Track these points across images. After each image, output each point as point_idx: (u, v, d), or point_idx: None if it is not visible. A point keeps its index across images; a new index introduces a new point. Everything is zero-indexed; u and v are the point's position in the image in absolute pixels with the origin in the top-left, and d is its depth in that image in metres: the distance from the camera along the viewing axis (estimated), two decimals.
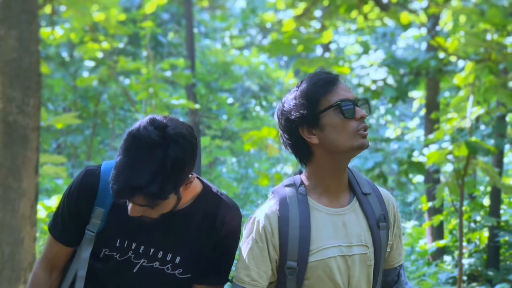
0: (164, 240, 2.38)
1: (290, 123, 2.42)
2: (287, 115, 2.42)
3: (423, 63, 10.98)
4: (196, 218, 2.40)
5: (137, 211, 2.26)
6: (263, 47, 12.73)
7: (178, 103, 10.64)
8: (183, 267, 2.39)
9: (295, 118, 2.40)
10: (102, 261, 2.40)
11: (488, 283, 11.39)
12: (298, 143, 2.44)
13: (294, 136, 2.43)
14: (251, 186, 23.58)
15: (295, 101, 2.41)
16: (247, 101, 25.53)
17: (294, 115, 2.40)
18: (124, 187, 2.17)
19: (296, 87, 2.47)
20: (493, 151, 8.43)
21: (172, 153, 2.18)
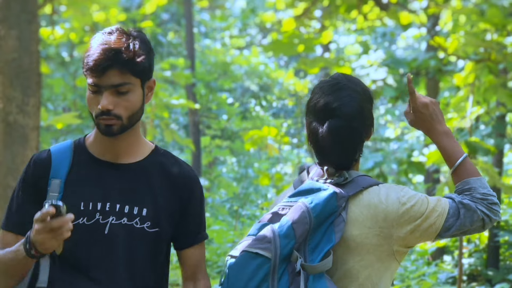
0: (127, 194, 2.36)
1: (368, 123, 2.47)
2: (367, 114, 2.47)
3: (422, 63, 10.99)
4: (155, 172, 2.40)
5: (109, 101, 2.28)
6: (264, 46, 12.74)
7: (178, 103, 10.64)
8: (151, 220, 2.35)
9: (371, 118, 2.48)
10: (70, 237, 2.29)
11: (488, 282, 11.39)
12: (361, 144, 2.47)
13: (364, 135, 2.47)
14: (251, 186, 23.59)
15: (370, 104, 2.49)
16: (247, 101, 25.53)
17: (371, 114, 2.48)
18: (101, 55, 2.27)
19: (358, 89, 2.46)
20: (493, 151, 8.44)
21: (140, 35, 2.36)
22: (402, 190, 2.40)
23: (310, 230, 2.32)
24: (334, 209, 2.35)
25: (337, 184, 2.40)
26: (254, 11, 23.37)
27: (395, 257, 2.40)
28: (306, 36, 10.70)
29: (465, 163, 2.47)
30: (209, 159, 21.41)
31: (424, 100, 2.50)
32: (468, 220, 2.36)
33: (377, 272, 2.37)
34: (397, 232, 2.36)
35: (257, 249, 2.30)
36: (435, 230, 2.36)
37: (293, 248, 2.29)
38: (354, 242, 2.37)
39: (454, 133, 9.14)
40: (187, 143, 10.94)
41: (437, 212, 2.35)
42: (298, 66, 10.60)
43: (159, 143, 22.92)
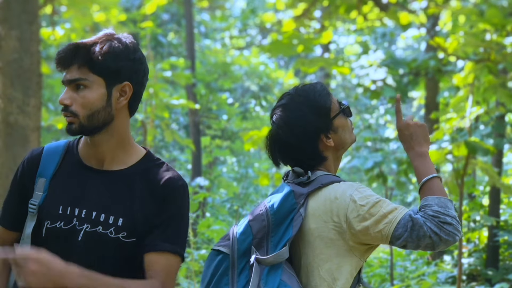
0: (106, 203, 2.33)
1: (307, 134, 2.60)
2: (303, 127, 2.61)
3: (422, 63, 11.00)
4: (138, 180, 2.36)
5: (66, 96, 2.33)
6: (263, 47, 12.76)
7: (178, 103, 10.65)
8: (127, 230, 2.31)
9: (316, 127, 2.61)
10: (46, 239, 2.32)
11: (488, 282, 11.40)
12: (312, 150, 2.62)
13: (310, 145, 2.61)
14: (251, 186, 23.60)
15: (312, 111, 2.62)
16: (247, 101, 25.54)
17: (314, 124, 2.60)
18: (64, 51, 2.32)
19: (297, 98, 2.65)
20: (492, 151, 8.45)
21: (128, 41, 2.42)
22: (359, 189, 2.50)
23: (269, 226, 2.48)
24: (292, 206, 2.50)
25: (301, 183, 2.58)
26: (254, 11, 23.40)
27: (353, 253, 2.48)
28: (305, 37, 10.72)
29: (430, 183, 2.53)
30: (209, 159, 21.41)
31: (407, 121, 2.66)
32: (414, 234, 2.40)
33: (336, 267, 2.47)
34: (349, 228, 2.45)
35: (218, 247, 2.52)
36: (385, 236, 2.42)
37: (251, 244, 2.47)
38: (312, 236, 2.50)
39: (454, 133, 9.16)
40: (187, 143, 10.96)
41: (387, 219, 2.42)
42: (296, 66, 10.62)
43: (160, 143, 22.94)
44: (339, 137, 2.64)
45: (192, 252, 10.78)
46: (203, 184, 15.55)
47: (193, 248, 11.21)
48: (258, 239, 2.49)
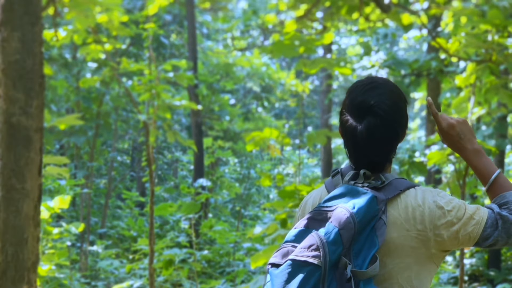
0: None
1: (403, 125, 2.47)
2: (403, 119, 2.47)
3: (424, 64, 11.01)
4: None
5: None
6: (265, 48, 12.76)
7: (180, 104, 10.66)
8: None
9: (407, 121, 2.50)
10: None
11: (490, 283, 11.41)
12: (395, 147, 2.49)
13: (399, 139, 2.47)
14: (253, 187, 23.61)
15: (405, 106, 2.50)
16: (249, 102, 25.55)
17: (406, 117, 2.50)
18: None
19: (393, 91, 2.48)
20: (494, 151, 8.46)
21: None
22: (439, 194, 2.39)
23: (355, 235, 2.28)
24: (375, 213, 2.32)
25: (375, 188, 2.39)
26: (256, 12, 23.40)
27: (433, 260, 2.40)
28: (307, 38, 10.72)
29: (498, 179, 2.47)
30: (211, 160, 21.43)
31: (450, 121, 2.54)
32: (504, 232, 2.35)
33: (416, 275, 2.37)
34: (434, 235, 2.35)
35: (305, 257, 2.24)
36: (473, 238, 2.36)
37: (341, 254, 2.25)
38: (393, 244, 2.36)
39: None
40: (189, 144, 10.97)
41: (474, 220, 2.35)
42: (297, 67, 10.59)
43: (162, 144, 22.96)
44: None
45: (194, 253, 10.80)
46: (205, 185, 15.58)
47: (195, 248, 11.22)
48: (347, 249, 2.28)
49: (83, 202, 16.66)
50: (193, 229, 11.54)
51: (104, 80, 14.52)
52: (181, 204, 13.94)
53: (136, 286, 10.12)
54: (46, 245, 9.34)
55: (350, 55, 25.74)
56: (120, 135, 21.86)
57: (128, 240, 17.60)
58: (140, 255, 12.47)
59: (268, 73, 24.87)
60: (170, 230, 17.48)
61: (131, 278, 12.61)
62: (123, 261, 14.80)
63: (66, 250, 9.69)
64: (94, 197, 20.49)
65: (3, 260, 5.34)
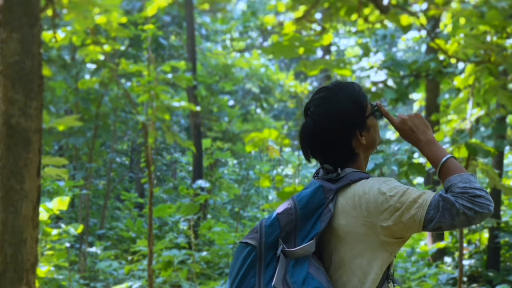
0: None
1: (345, 127, 2.63)
2: (342, 119, 2.63)
3: (423, 65, 11.01)
4: None
5: None
6: (264, 49, 12.76)
7: (179, 105, 10.66)
8: None
9: (353, 122, 2.64)
10: None
11: (489, 284, 11.41)
12: (346, 145, 2.64)
13: (345, 139, 2.64)
14: (252, 188, 23.60)
15: (349, 106, 2.64)
16: (248, 103, 25.56)
17: (352, 119, 2.63)
18: None
19: (337, 92, 2.67)
20: (493, 152, 8.46)
21: None
22: (386, 181, 2.50)
23: (297, 220, 2.50)
24: (321, 201, 2.53)
25: (330, 180, 2.59)
26: (255, 13, 23.42)
27: (384, 247, 2.48)
28: (306, 39, 10.72)
29: (446, 164, 2.51)
30: (210, 161, 21.41)
31: (402, 117, 2.65)
32: (447, 213, 2.38)
33: (368, 262, 2.48)
34: (380, 222, 2.46)
35: (246, 239, 2.53)
36: (418, 221, 2.41)
37: (278, 236, 2.49)
38: (342, 231, 2.51)
39: (454, 134, 9.17)
40: (188, 145, 10.97)
41: (418, 203, 2.41)
42: (297, 69, 10.59)
43: (161, 145, 22.96)
44: (371, 136, 2.66)
45: (193, 254, 10.79)
46: (204, 186, 15.58)
47: (194, 250, 11.21)
48: (286, 232, 2.50)
49: (82, 203, 16.65)
50: (192, 230, 11.53)
51: (103, 81, 14.52)
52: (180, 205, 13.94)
53: (135, 287, 10.12)
54: (45, 246, 9.33)
55: (349, 56, 25.75)
56: (119, 136, 21.86)
57: (127, 241, 17.60)
58: (139, 256, 12.47)
59: (267, 74, 24.87)
60: (169, 231, 17.47)
61: (130, 279, 12.61)
62: (122, 262, 14.79)
63: (65, 251, 9.69)
64: (93, 198, 20.49)
65: (2, 261, 5.34)
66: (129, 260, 14.72)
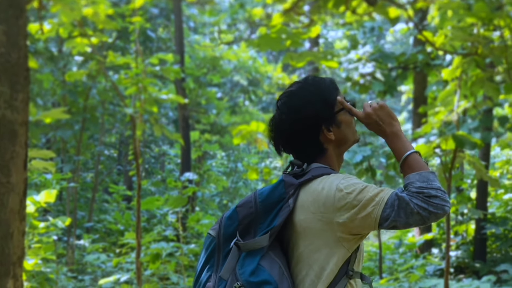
0: None
1: (311, 121, 2.62)
2: (309, 112, 2.62)
3: (410, 57, 11.04)
4: None
5: None
6: (252, 41, 12.74)
7: (167, 98, 10.64)
8: None
9: (318, 116, 2.62)
10: None
11: (475, 274, 11.47)
12: (312, 140, 2.64)
13: (310, 133, 2.63)
14: (240, 180, 23.63)
15: (316, 100, 2.63)
16: (236, 96, 25.54)
17: (317, 113, 2.62)
18: None
19: (305, 86, 2.68)
20: (479, 144, 8.49)
21: None
22: (346, 178, 2.50)
23: (257, 214, 2.54)
24: (282, 195, 2.54)
25: (295, 175, 2.60)
26: (242, 6, 23.37)
27: (341, 243, 2.48)
28: (294, 31, 10.72)
29: (408, 160, 2.49)
30: (198, 153, 21.41)
31: (367, 110, 2.63)
32: (402, 212, 2.37)
33: (325, 258, 2.48)
34: (336, 218, 2.46)
35: (210, 230, 2.62)
36: (374, 219, 2.41)
37: (237, 229, 2.54)
38: (301, 226, 2.52)
39: (442, 126, 9.19)
40: (176, 137, 10.96)
41: (374, 201, 2.40)
42: (284, 61, 10.59)
43: (149, 138, 22.92)
44: (341, 133, 2.64)
45: (181, 247, 10.79)
46: (192, 179, 15.56)
47: (182, 242, 11.20)
48: (245, 225, 2.54)
49: (69, 196, 16.61)
50: (180, 223, 11.53)
51: (90, 73, 14.47)
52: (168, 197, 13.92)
53: (123, 280, 10.11)
54: (32, 239, 9.31)
55: (337, 48, 25.77)
56: (107, 129, 21.79)
57: (115, 234, 17.57)
58: (127, 249, 12.46)
59: (255, 66, 24.86)
60: (157, 224, 17.46)
61: (118, 272, 12.59)
62: (110, 255, 14.77)
63: (52, 244, 9.66)
64: (80, 191, 20.44)
65: None
66: (117, 252, 14.71)
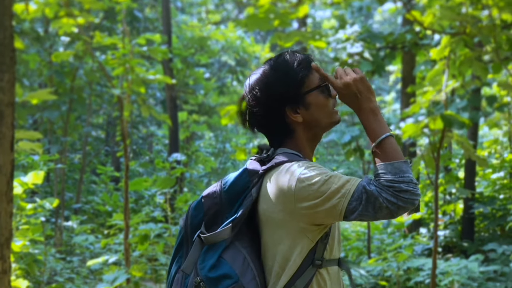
0: None
1: (273, 102, 2.48)
2: (271, 92, 2.48)
3: (399, 37, 11.01)
4: None
5: None
6: (239, 21, 12.67)
7: (155, 78, 10.58)
8: None
9: (281, 97, 2.47)
10: None
11: (463, 254, 11.54)
12: (278, 121, 2.50)
13: (275, 115, 2.49)
14: (228, 161, 23.62)
15: (279, 79, 2.48)
16: (224, 76, 25.47)
17: (279, 93, 2.47)
18: None
19: (271, 65, 2.53)
20: (468, 124, 8.49)
21: None
22: (309, 167, 2.35)
23: (221, 204, 2.43)
24: (246, 184, 2.43)
25: (261, 161, 2.48)
26: None
27: (305, 234, 2.37)
28: (282, 11, 10.66)
29: (383, 144, 2.33)
30: (186, 134, 21.37)
31: (345, 79, 2.42)
32: (370, 206, 2.24)
33: (289, 248, 2.37)
34: (297, 209, 2.33)
35: (180, 220, 2.62)
36: (339, 211, 2.28)
37: (202, 219, 2.45)
38: (264, 216, 2.41)
39: (430, 106, 9.20)
40: (164, 118, 10.91)
41: (340, 193, 2.27)
42: (272, 40, 10.54)
43: (136, 118, 22.84)
44: (311, 115, 2.47)
45: (169, 228, 10.78)
46: (180, 159, 15.54)
47: (170, 223, 11.20)
48: (210, 216, 2.44)
49: (57, 178, 16.56)
50: (168, 204, 11.52)
51: (77, 54, 14.36)
52: (156, 178, 13.90)
53: (112, 261, 10.10)
54: (20, 221, 9.27)
55: (325, 28, 25.72)
56: (94, 110, 21.70)
57: (103, 215, 17.55)
58: (116, 230, 12.43)
59: (243, 46, 24.78)
60: (145, 205, 17.45)
61: (107, 253, 12.59)
62: (98, 236, 14.76)
63: (40, 226, 9.63)
64: (68, 172, 20.38)
65: None
66: (105, 234, 14.69)
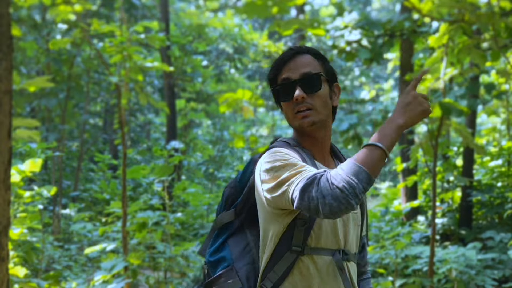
0: None
1: None
2: None
3: (397, 24, 10.98)
4: None
5: None
6: (238, 8, 12.63)
7: (152, 66, 10.56)
8: None
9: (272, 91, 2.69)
10: None
11: (461, 241, 11.56)
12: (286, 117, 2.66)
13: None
14: (226, 149, 23.61)
15: None
16: (222, 64, 25.42)
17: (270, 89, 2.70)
18: None
19: None
20: (466, 112, 8.48)
21: None
22: (273, 153, 2.44)
23: (236, 193, 2.60)
24: (251, 173, 2.56)
25: None
26: None
27: (275, 218, 2.43)
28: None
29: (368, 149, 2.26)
30: (184, 122, 21.35)
31: (413, 92, 2.39)
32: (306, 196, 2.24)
33: (264, 231, 2.49)
34: (263, 193, 2.42)
35: None
36: (288, 200, 2.31)
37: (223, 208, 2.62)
38: (257, 202, 2.53)
39: (428, 94, 9.19)
40: (162, 106, 10.89)
41: (288, 181, 2.30)
42: (271, 28, 10.51)
43: (134, 106, 22.80)
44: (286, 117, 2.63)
45: (168, 215, 10.79)
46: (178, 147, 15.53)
47: (168, 211, 11.21)
48: (229, 203, 2.60)
49: (55, 165, 16.55)
50: (166, 192, 11.51)
51: (74, 41, 14.31)
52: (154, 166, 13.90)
53: (109, 249, 10.10)
54: (18, 209, 9.26)
55: (323, 15, 25.66)
56: (92, 98, 21.66)
57: (101, 203, 17.56)
58: (113, 218, 12.44)
59: (240, 34, 24.72)
60: (143, 193, 17.46)
61: (104, 241, 12.60)
62: (96, 224, 14.77)
63: (38, 214, 9.62)
64: (66, 160, 20.37)
65: None
66: (103, 222, 14.70)
